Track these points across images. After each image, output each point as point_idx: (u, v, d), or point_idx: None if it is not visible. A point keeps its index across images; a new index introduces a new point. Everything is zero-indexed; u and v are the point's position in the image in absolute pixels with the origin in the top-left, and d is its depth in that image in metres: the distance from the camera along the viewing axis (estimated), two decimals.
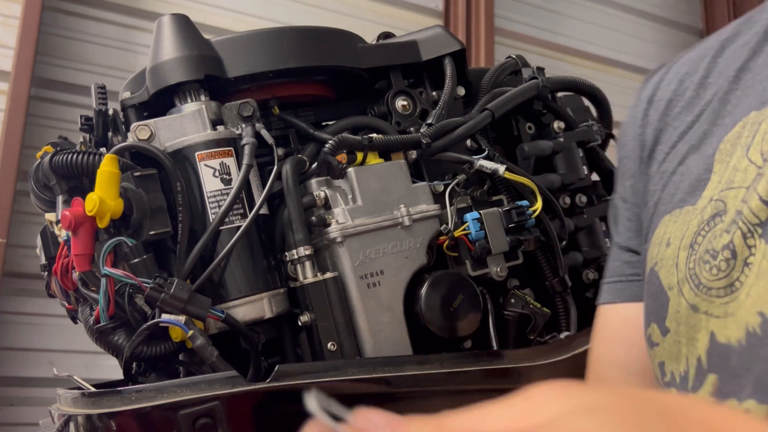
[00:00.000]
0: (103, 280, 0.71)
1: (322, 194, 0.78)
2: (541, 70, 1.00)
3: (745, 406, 0.44)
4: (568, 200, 0.98)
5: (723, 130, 0.54)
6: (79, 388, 0.81)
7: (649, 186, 0.61)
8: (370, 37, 0.95)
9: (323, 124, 0.89)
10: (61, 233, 0.84)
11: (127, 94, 0.83)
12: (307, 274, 0.76)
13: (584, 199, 0.99)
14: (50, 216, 0.87)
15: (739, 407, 0.45)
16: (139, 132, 0.76)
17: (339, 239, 0.76)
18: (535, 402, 0.28)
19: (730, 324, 0.47)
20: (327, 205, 0.78)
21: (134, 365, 0.76)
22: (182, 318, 0.69)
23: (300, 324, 0.76)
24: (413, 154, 0.84)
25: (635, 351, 0.62)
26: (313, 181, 0.80)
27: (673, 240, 0.55)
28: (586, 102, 1.10)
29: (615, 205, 0.68)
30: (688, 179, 0.56)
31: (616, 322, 0.66)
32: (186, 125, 0.77)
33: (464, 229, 0.83)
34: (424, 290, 0.78)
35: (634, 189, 0.64)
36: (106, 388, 0.72)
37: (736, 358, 0.46)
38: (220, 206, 0.74)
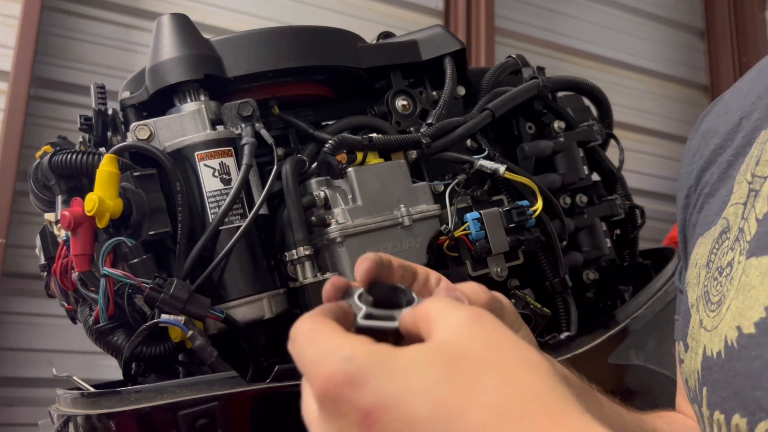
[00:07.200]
0: (103, 281, 0.71)
1: (322, 194, 0.78)
2: (541, 69, 1.00)
3: (734, 421, 0.44)
4: (568, 200, 0.98)
5: (744, 153, 0.54)
6: (79, 389, 0.81)
7: (693, 209, 0.61)
8: (370, 37, 0.95)
9: (323, 124, 0.89)
10: (61, 233, 0.84)
11: (126, 94, 0.83)
12: (307, 275, 0.75)
13: (585, 199, 0.99)
14: (49, 216, 0.87)
15: (724, 420, 0.45)
16: (138, 132, 0.76)
17: (339, 239, 0.76)
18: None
19: (714, 337, 0.48)
20: (327, 205, 0.78)
21: (133, 365, 0.76)
22: (182, 318, 0.69)
23: None
24: (413, 154, 0.84)
25: None
26: (313, 181, 0.79)
27: (699, 260, 0.55)
28: (587, 102, 1.10)
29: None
30: (717, 201, 0.56)
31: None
32: (185, 125, 0.77)
33: (464, 229, 0.83)
34: None
35: (682, 218, 0.63)
36: (106, 388, 0.72)
37: (717, 370, 0.47)
38: (219, 206, 0.74)
